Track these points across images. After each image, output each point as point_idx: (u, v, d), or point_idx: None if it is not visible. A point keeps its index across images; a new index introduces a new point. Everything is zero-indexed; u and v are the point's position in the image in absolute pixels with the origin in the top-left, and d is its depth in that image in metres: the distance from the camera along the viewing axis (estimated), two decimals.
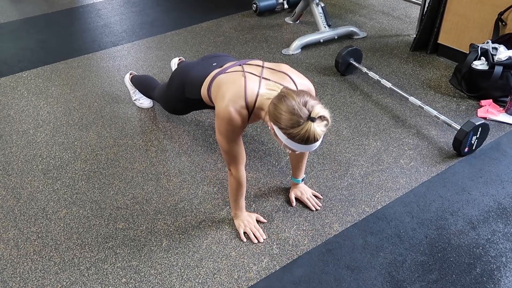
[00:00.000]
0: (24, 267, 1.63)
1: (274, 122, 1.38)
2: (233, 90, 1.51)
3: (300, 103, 1.32)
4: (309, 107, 1.32)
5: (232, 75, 1.61)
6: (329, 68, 2.90)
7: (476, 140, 2.08)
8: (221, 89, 1.58)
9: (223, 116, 1.50)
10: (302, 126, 1.31)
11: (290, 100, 1.33)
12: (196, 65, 1.91)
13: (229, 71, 1.66)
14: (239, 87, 1.51)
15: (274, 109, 1.37)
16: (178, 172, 2.06)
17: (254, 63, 1.67)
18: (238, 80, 1.55)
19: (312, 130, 1.31)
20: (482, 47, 2.48)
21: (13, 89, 2.78)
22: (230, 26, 3.54)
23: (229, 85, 1.56)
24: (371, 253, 1.65)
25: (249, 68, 1.62)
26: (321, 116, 1.32)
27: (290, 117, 1.32)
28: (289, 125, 1.33)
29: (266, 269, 1.60)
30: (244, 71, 1.60)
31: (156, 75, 2.86)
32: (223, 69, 1.71)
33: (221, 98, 1.53)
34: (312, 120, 1.31)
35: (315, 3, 3.23)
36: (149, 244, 1.71)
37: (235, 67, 1.67)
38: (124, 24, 3.64)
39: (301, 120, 1.31)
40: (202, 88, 1.77)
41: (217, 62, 1.83)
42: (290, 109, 1.32)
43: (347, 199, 1.89)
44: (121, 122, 2.42)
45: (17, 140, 2.31)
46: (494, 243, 1.67)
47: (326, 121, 1.34)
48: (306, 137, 1.32)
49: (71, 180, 2.04)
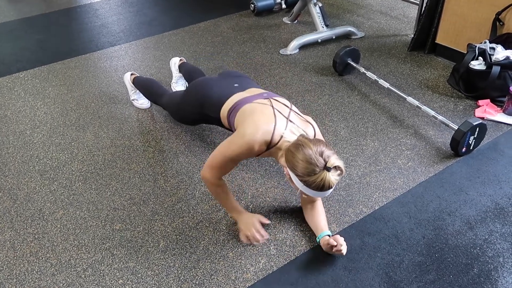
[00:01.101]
0: (20, 269, 1.63)
1: (291, 169, 1.46)
2: (264, 121, 1.56)
3: (316, 153, 1.40)
4: (325, 157, 1.40)
5: (263, 107, 1.64)
6: (327, 68, 2.90)
7: (473, 140, 2.08)
8: (252, 116, 1.61)
9: (245, 140, 1.54)
10: (318, 175, 1.39)
11: (307, 149, 1.41)
12: (217, 82, 1.93)
13: (256, 101, 1.69)
14: (270, 121, 1.56)
15: (292, 157, 1.44)
16: (176, 173, 2.06)
17: (282, 101, 1.72)
18: (269, 114, 1.59)
19: (327, 179, 1.39)
20: (479, 47, 2.48)
21: (10, 89, 2.78)
22: (228, 26, 3.54)
23: (260, 115, 1.59)
24: (368, 254, 1.64)
25: (277, 106, 1.67)
26: (336, 166, 1.40)
27: (306, 165, 1.40)
28: (305, 173, 1.40)
29: (264, 270, 1.60)
30: (274, 107, 1.64)
31: (154, 75, 2.85)
32: (249, 98, 1.74)
33: (251, 123, 1.57)
34: (328, 170, 1.39)
35: (313, 3, 3.22)
36: (146, 245, 1.71)
37: (262, 100, 1.71)
38: (122, 24, 3.64)
39: (317, 169, 1.39)
40: (223, 110, 1.80)
41: (239, 84, 1.88)
42: (307, 158, 1.39)
43: (345, 199, 1.89)
44: (118, 123, 2.42)
45: (14, 141, 2.31)
46: (491, 243, 1.67)
47: (340, 171, 1.42)
48: (321, 185, 1.40)
49: (68, 181, 2.03)
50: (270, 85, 2.72)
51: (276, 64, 2.96)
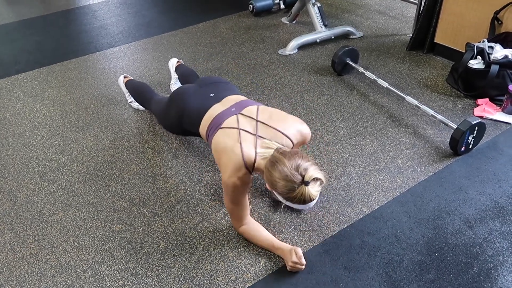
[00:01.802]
0: (20, 271, 1.63)
1: (271, 187, 1.46)
2: (233, 160, 1.55)
3: (292, 169, 1.38)
4: (302, 171, 1.38)
5: (228, 135, 1.63)
6: (325, 68, 2.90)
7: (472, 139, 2.08)
8: (221, 157, 1.61)
9: (228, 184, 1.56)
10: (298, 191, 1.38)
11: (282, 167, 1.39)
12: (193, 94, 1.90)
13: (224, 126, 1.68)
14: (237, 157, 1.55)
15: (270, 175, 1.44)
16: (175, 174, 2.06)
17: (249, 114, 1.69)
18: (234, 146, 1.57)
19: (307, 193, 1.38)
20: (478, 46, 2.48)
21: (9, 91, 2.78)
22: (227, 27, 3.54)
23: (227, 154, 1.58)
24: (368, 253, 1.64)
25: (244, 123, 1.65)
26: (315, 178, 1.38)
27: (285, 184, 1.39)
28: (285, 191, 1.40)
29: (263, 270, 1.60)
30: (239, 128, 1.63)
31: (152, 76, 2.86)
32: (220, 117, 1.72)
33: (224, 168, 1.58)
34: (306, 184, 1.37)
35: (312, 3, 3.23)
36: (146, 246, 1.71)
37: (230, 119, 1.69)
38: (121, 26, 3.64)
39: (295, 186, 1.38)
40: (201, 127, 1.80)
41: (215, 93, 1.86)
42: (283, 176, 1.38)
43: (344, 199, 1.89)
44: (117, 124, 2.42)
45: (13, 143, 2.31)
46: (491, 242, 1.67)
47: (320, 181, 1.40)
48: (302, 199, 1.39)
49: (67, 182, 2.03)
50: (269, 85, 2.72)
51: (275, 64, 2.97)
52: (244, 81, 2.77)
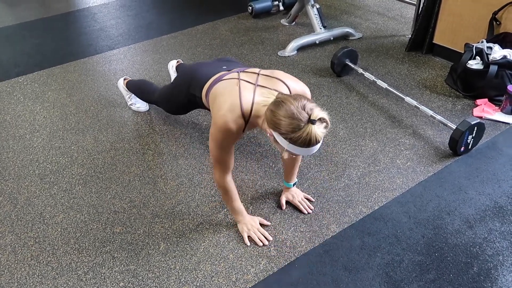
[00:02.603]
0: (21, 273, 1.63)
1: (273, 128, 1.39)
2: (229, 100, 1.53)
3: (298, 107, 1.33)
4: (308, 110, 1.33)
5: (227, 83, 1.63)
6: (325, 69, 2.91)
7: (472, 139, 2.09)
8: (218, 99, 1.60)
9: (219, 125, 1.51)
10: (303, 129, 1.32)
11: (288, 105, 1.34)
12: (207, 64, 1.94)
13: (224, 78, 1.68)
14: (234, 96, 1.53)
15: (273, 115, 1.37)
16: (175, 175, 2.06)
17: (251, 70, 1.69)
18: (233, 89, 1.56)
19: (313, 133, 1.32)
20: (477, 46, 2.49)
21: (9, 94, 2.78)
22: (226, 29, 3.55)
23: (224, 95, 1.57)
24: (368, 254, 1.65)
25: (245, 76, 1.64)
26: (321, 118, 1.33)
27: (290, 121, 1.33)
28: (289, 129, 1.33)
29: (264, 271, 1.60)
30: (240, 78, 1.62)
31: (152, 78, 2.86)
32: (222, 75, 1.72)
33: (218, 107, 1.55)
34: (313, 123, 1.32)
35: (310, 5, 3.23)
36: (146, 247, 1.71)
37: (231, 74, 1.69)
38: (120, 28, 3.65)
39: (302, 124, 1.32)
40: (203, 88, 1.79)
41: (227, 66, 1.86)
42: (289, 114, 1.33)
43: (344, 200, 1.89)
44: (117, 126, 2.42)
45: (14, 145, 2.31)
46: (491, 242, 1.68)
47: (325, 123, 1.35)
48: (308, 140, 1.33)
49: (68, 184, 2.04)
50: None
51: (274, 65, 2.97)
52: None
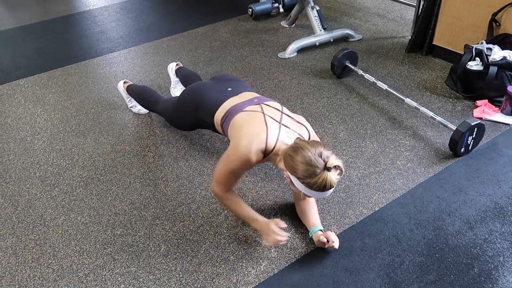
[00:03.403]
0: (22, 275, 1.63)
1: (291, 172, 1.47)
2: (256, 133, 1.57)
3: (315, 154, 1.41)
4: (325, 158, 1.42)
5: (253, 115, 1.66)
6: (325, 71, 2.91)
7: (472, 140, 2.09)
8: (243, 128, 1.62)
9: (241, 154, 1.55)
10: (319, 176, 1.40)
11: (306, 152, 1.42)
12: (211, 86, 1.95)
13: (247, 109, 1.71)
14: (262, 130, 1.57)
15: (291, 160, 1.46)
16: (176, 177, 2.06)
17: (273, 105, 1.73)
18: (260, 123, 1.61)
19: (329, 179, 1.41)
20: (476, 47, 2.49)
21: (10, 96, 2.79)
22: (226, 31, 3.56)
23: (251, 126, 1.61)
24: (369, 255, 1.65)
25: (269, 111, 1.69)
26: (336, 166, 1.42)
27: (307, 168, 1.41)
28: (306, 175, 1.42)
29: (265, 273, 1.60)
30: (264, 113, 1.66)
31: (153, 80, 2.87)
32: (240, 105, 1.75)
33: (243, 135, 1.59)
34: (328, 170, 1.40)
35: (310, 7, 3.24)
36: (147, 249, 1.71)
37: (254, 106, 1.72)
38: (121, 30, 3.65)
39: (318, 170, 1.40)
40: (216, 115, 1.82)
41: (232, 88, 1.89)
42: (307, 160, 1.41)
43: (345, 201, 1.89)
44: (118, 128, 2.43)
45: (15, 148, 2.32)
46: (491, 242, 1.68)
47: (340, 170, 1.44)
48: (323, 185, 1.42)
49: (69, 187, 2.04)
50: (268, 88, 2.73)
51: (274, 67, 2.98)
52: None
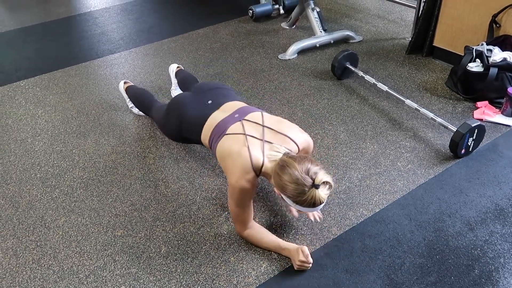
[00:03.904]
0: (23, 276, 1.63)
1: (281, 191, 1.48)
2: (240, 164, 1.56)
3: (302, 172, 1.41)
4: (312, 175, 1.41)
5: (235, 141, 1.63)
6: (325, 72, 2.91)
7: (472, 142, 2.09)
8: (228, 161, 1.61)
9: (237, 189, 1.56)
10: (308, 194, 1.40)
11: (293, 170, 1.42)
12: (190, 102, 1.90)
13: (229, 132, 1.67)
14: (245, 159, 1.56)
15: (279, 179, 1.46)
16: (176, 179, 2.06)
17: (254, 119, 1.69)
18: (242, 150, 1.58)
19: (317, 197, 1.41)
20: (477, 49, 2.49)
21: (11, 98, 2.79)
22: (227, 32, 3.56)
23: (234, 158, 1.58)
24: (369, 256, 1.65)
25: (250, 128, 1.66)
26: (324, 182, 1.41)
27: (295, 187, 1.41)
28: (295, 194, 1.42)
29: (265, 274, 1.60)
30: (246, 134, 1.63)
31: (153, 82, 2.87)
32: (223, 125, 1.71)
33: (230, 172, 1.58)
34: (317, 188, 1.40)
35: (311, 8, 3.24)
36: (147, 251, 1.71)
37: (235, 126, 1.68)
38: (121, 32, 3.66)
39: (306, 188, 1.40)
40: (203, 137, 1.81)
41: (212, 100, 1.85)
42: (294, 179, 1.41)
43: (345, 202, 1.89)
44: (118, 130, 2.43)
45: (15, 149, 2.32)
46: (492, 244, 1.68)
47: (329, 185, 1.43)
48: (312, 202, 1.42)
49: (69, 188, 2.04)
50: (269, 90, 2.74)
51: (275, 69, 2.98)
52: (244, 86, 2.78)
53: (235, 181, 1.55)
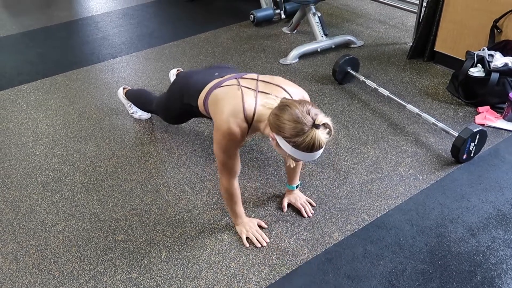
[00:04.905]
0: (23, 281, 1.62)
1: (277, 132, 1.40)
2: (231, 104, 1.54)
3: (303, 111, 1.34)
4: (313, 115, 1.34)
5: (228, 89, 1.64)
6: (326, 77, 2.91)
7: (474, 147, 2.08)
8: (219, 103, 1.60)
9: (223, 130, 1.52)
10: (307, 134, 1.33)
11: (293, 109, 1.35)
12: (198, 72, 1.95)
13: (224, 84, 1.69)
14: (237, 101, 1.54)
15: (277, 119, 1.39)
16: (177, 183, 2.06)
17: (249, 76, 1.70)
18: (235, 94, 1.57)
19: (317, 137, 1.33)
20: (478, 54, 2.49)
21: (13, 102, 2.80)
22: (228, 37, 3.57)
23: (226, 99, 1.58)
24: (371, 262, 1.64)
25: (245, 82, 1.65)
26: (325, 124, 1.35)
27: (294, 125, 1.34)
28: (293, 133, 1.34)
29: (266, 280, 1.59)
30: (240, 85, 1.62)
31: (154, 86, 2.87)
32: (219, 82, 1.73)
33: (220, 112, 1.55)
34: (317, 127, 1.33)
35: (312, 13, 3.25)
36: (148, 256, 1.71)
37: (231, 81, 1.70)
38: (123, 36, 3.67)
39: (306, 128, 1.33)
40: (200, 97, 1.79)
41: (219, 72, 1.86)
42: (294, 118, 1.34)
43: (347, 207, 1.89)
44: (119, 134, 2.43)
45: (16, 153, 2.32)
46: (494, 250, 1.67)
47: (329, 129, 1.36)
48: (311, 144, 1.34)
49: (70, 192, 2.04)
50: None
51: (276, 73, 2.98)
52: None
53: (222, 121, 1.51)
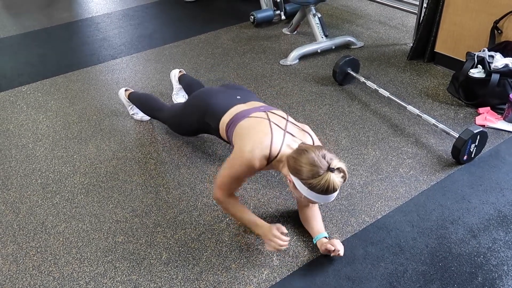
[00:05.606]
0: (23, 283, 1.62)
1: (294, 174, 1.48)
2: (260, 137, 1.59)
3: (319, 156, 1.44)
4: (328, 159, 1.44)
5: (258, 122, 1.67)
6: (326, 78, 2.91)
7: (474, 148, 2.08)
8: (246, 134, 1.64)
9: (243, 159, 1.56)
10: (322, 176, 1.41)
11: (310, 153, 1.44)
12: (219, 92, 1.97)
13: (252, 116, 1.72)
14: (266, 136, 1.59)
15: (294, 162, 1.47)
16: (177, 184, 2.06)
17: (279, 113, 1.75)
18: (265, 129, 1.62)
19: (332, 181, 1.42)
20: (478, 55, 2.49)
21: (13, 103, 2.79)
22: (228, 38, 3.57)
23: (256, 132, 1.62)
24: (371, 264, 1.64)
25: (274, 118, 1.70)
26: (339, 168, 1.43)
27: (310, 168, 1.43)
28: (310, 175, 1.43)
29: (267, 281, 1.59)
30: (270, 120, 1.67)
31: (154, 87, 2.87)
32: (246, 112, 1.75)
33: (248, 141, 1.59)
34: (331, 171, 1.42)
35: (312, 14, 3.25)
36: (148, 257, 1.70)
37: (259, 113, 1.73)
38: (123, 37, 3.67)
39: (321, 171, 1.42)
40: (222, 121, 1.82)
41: (241, 96, 1.91)
42: (311, 161, 1.43)
43: (347, 209, 1.89)
44: (120, 135, 2.43)
45: (16, 155, 2.32)
46: (495, 251, 1.67)
47: (343, 173, 1.45)
48: (326, 186, 1.42)
49: (70, 194, 2.03)
50: (270, 95, 2.73)
51: (276, 74, 2.98)
52: None
53: (247, 151, 1.55)
